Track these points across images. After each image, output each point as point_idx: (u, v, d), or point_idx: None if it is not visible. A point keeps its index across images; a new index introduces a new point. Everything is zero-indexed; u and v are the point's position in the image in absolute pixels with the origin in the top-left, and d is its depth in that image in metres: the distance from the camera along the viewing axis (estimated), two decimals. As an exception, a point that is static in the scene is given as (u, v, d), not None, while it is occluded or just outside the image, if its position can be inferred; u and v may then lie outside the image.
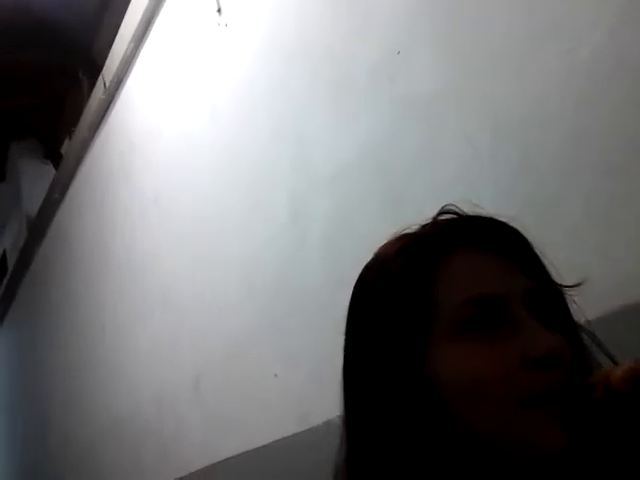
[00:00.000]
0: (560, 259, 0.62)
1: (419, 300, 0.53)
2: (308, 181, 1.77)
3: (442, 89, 1.35)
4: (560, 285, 0.58)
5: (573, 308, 0.58)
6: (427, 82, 1.38)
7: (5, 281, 5.19)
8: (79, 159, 3.52)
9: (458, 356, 0.51)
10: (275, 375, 1.88)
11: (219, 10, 2.12)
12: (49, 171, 4.61)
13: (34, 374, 4.56)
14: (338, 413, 0.59)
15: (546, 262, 0.58)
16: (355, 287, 0.61)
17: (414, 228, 0.59)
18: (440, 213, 0.61)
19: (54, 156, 4.67)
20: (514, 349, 0.51)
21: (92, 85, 3.34)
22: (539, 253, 0.58)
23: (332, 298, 1.67)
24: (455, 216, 0.60)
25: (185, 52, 2.41)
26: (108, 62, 3.02)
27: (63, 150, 4.45)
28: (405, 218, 1.51)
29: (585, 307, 0.61)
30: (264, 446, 1.92)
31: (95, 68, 3.41)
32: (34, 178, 4.70)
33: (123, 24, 2.82)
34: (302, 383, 1.78)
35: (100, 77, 3.11)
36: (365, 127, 1.56)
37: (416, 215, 1.53)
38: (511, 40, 1.20)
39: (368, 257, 1.61)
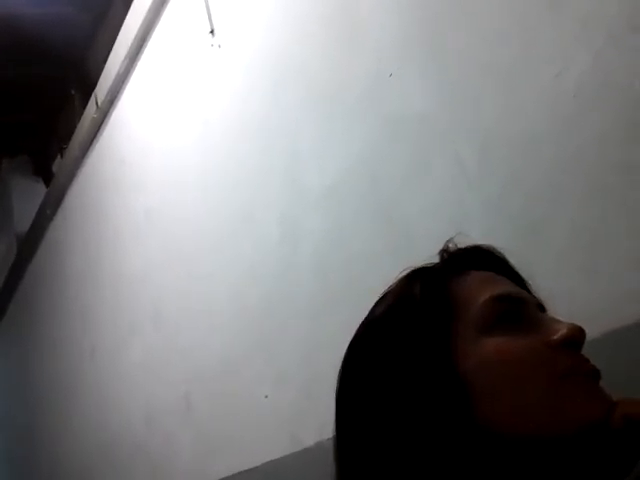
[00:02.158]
0: (547, 280, 0.63)
1: (440, 303, 0.55)
2: (299, 198, 1.78)
3: (432, 109, 1.37)
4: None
5: None
6: (417, 102, 1.40)
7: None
8: (71, 176, 3.52)
9: (492, 346, 0.53)
10: (266, 396, 1.88)
11: (212, 31, 2.14)
12: (40, 188, 4.60)
13: (23, 392, 4.51)
14: (329, 434, 0.59)
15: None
16: (368, 318, 0.60)
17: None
18: (443, 250, 0.64)
19: (45, 173, 4.66)
20: (541, 335, 0.54)
21: (85, 102, 3.35)
22: (525, 278, 0.63)
23: (323, 316, 1.67)
24: (457, 248, 0.64)
25: (178, 72, 2.42)
26: (101, 81, 3.03)
27: (54, 167, 4.45)
28: (396, 236, 1.53)
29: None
30: (254, 468, 1.91)
31: (88, 85, 3.41)
32: (25, 195, 4.68)
33: (116, 43, 2.84)
34: (293, 404, 1.77)
35: (93, 96, 3.12)
36: (356, 145, 1.57)
37: (406, 233, 1.54)
38: (500, 63, 1.22)
39: (359, 275, 1.61)
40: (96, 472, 3.19)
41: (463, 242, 0.63)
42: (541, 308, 0.59)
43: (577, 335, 0.54)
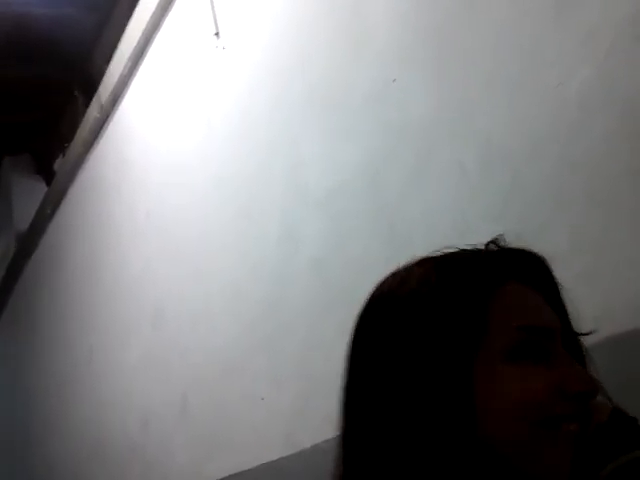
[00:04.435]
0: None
1: (475, 320, 0.54)
2: (301, 202, 1.78)
3: (435, 116, 1.37)
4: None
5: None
6: (421, 108, 1.41)
7: (-8, 296, 5.14)
8: (72, 175, 3.52)
9: (505, 376, 0.54)
10: (262, 399, 1.88)
11: (217, 33, 2.15)
12: (41, 187, 4.60)
13: (20, 391, 4.50)
14: (325, 436, 0.59)
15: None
16: (381, 301, 0.59)
17: (449, 251, 0.60)
18: (490, 242, 0.63)
19: (47, 172, 4.67)
20: (556, 379, 0.54)
21: (87, 102, 3.35)
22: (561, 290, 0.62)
23: (321, 320, 1.67)
24: (504, 247, 0.62)
25: (182, 73, 2.43)
26: (104, 81, 3.04)
27: (56, 167, 4.45)
28: (396, 241, 1.53)
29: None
30: (251, 469, 1.91)
31: (91, 85, 3.42)
32: (26, 193, 4.68)
33: (121, 43, 2.84)
34: (289, 406, 1.77)
35: (96, 95, 3.12)
36: (359, 150, 1.58)
37: (407, 238, 1.54)
38: (503, 71, 1.22)
39: (358, 278, 1.59)
40: (90, 472, 3.18)
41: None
42: (565, 333, 0.58)
43: (584, 392, 0.54)
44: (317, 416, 1.61)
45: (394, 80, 1.46)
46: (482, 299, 0.55)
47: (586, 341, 0.60)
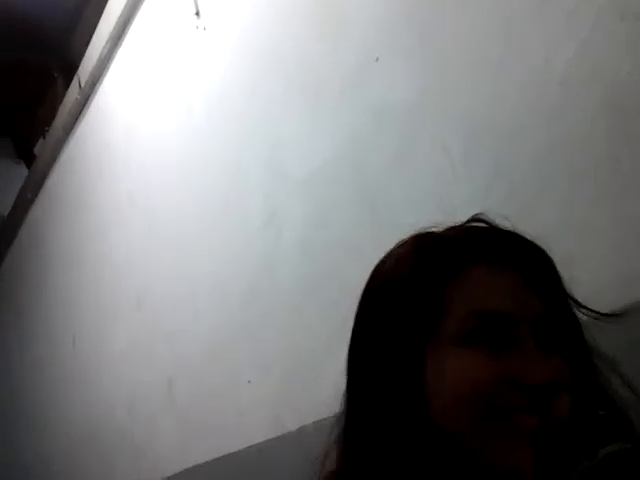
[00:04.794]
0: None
1: (431, 303, 0.54)
2: (283, 184, 1.77)
3: (418, 96, 1.36)
4: (592, 310, 0.60)
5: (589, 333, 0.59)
6: (404, 89, 1.39)
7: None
8: (53, 159, 3.47)
9: (451, 360, 0.52)
10: (249, 382, 1.88)
11: (197, 13, 2.11)
12: (21, 170, 4.54)
13: (4, 379, 4.47)
14: (311, 419, 0.60)
15: (567, 286, 0.59)
16: (368, 281, 0.60)
17: (437, 229, 0.60)
18: (471, 220, 0.61)
19: (27, 156, 4.60)
20: (507, 368, 0.52)
21: (68, 84, 3.30)
22: (562, 277, 0.59)
23: (306, 303, 1.66)
24: (484, 225, 0.60)
25: (162, 54, 2.39)
26: (84, 62, 2.99)
27: (36, 150, 4.39)
28: (380, 224, 1.52)
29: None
30: (237, 452, 1.91)
31: (71, 67, 3.37)
32: (6, 177, 4.62)
33: (100, 24, 2.80)
34: (276, 389, 1.77)
35: (75, 77, 3.08)
36: (341, 131, 1.56)
37: (391, 221, 1.53)
38: (486, 50, 1.21)
39: (343, 261, 1.60)
40: (80, 458, 3.18)
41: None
42: (538, 321, 0.54)
43: (539, 384, 0.51)
44: (304, 399, 1.62)
45: (377, 59, 1.44)
46: (439, 282, 0.54)
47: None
